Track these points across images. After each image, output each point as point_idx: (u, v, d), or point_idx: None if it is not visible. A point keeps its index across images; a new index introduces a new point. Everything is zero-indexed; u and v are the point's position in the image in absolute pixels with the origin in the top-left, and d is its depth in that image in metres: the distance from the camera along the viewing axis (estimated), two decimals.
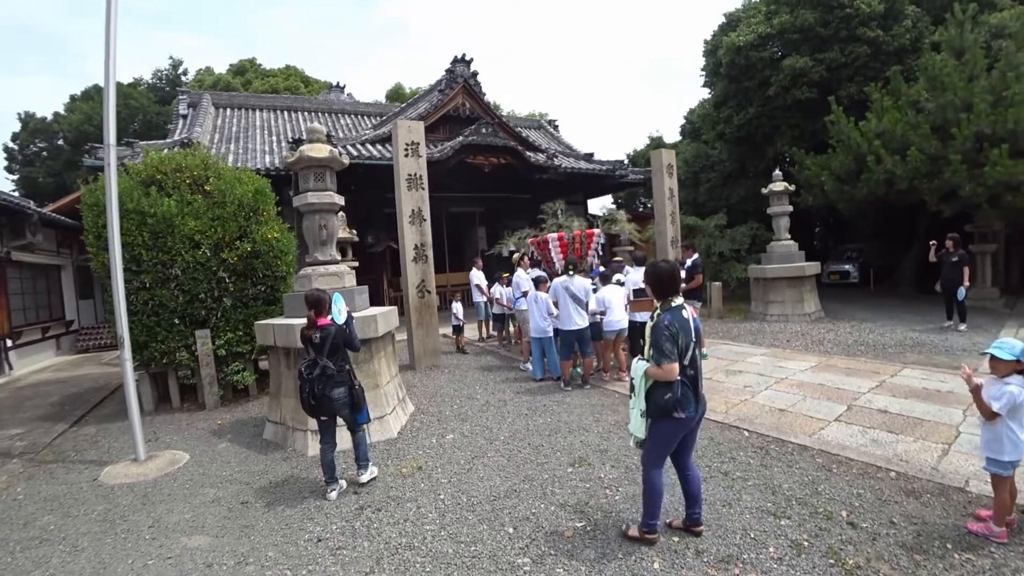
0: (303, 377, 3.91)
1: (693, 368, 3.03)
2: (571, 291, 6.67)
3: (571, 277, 6.81)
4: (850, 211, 13.43)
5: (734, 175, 18.73)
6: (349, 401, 4.03)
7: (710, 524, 3.36)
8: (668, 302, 3.05)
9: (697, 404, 3.07)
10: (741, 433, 4.96)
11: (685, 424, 3.05)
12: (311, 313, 4.05)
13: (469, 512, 3.68)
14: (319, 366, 3.88)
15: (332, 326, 4.00)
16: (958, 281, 8.96)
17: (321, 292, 4.17)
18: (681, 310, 3.02)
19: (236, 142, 15.15)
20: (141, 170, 6.95)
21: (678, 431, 3.07)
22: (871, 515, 3.41)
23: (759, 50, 15.07)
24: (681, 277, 3.19)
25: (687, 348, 2.97)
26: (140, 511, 4.03)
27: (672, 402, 2.94)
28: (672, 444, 3.12)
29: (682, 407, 2.98)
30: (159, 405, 7.18)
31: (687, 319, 3.00)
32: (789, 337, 9.41)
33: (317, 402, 3.90)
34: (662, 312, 3.03)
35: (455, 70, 15.07)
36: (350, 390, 4.05)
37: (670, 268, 3.13)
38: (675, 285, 3.09)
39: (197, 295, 6.79)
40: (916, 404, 5.47)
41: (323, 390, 3.87)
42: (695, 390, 3.04)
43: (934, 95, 11.26)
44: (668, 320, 2.95)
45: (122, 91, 29.86)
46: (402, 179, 8.39)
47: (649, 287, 3.21)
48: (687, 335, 2.97)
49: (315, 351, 3.96)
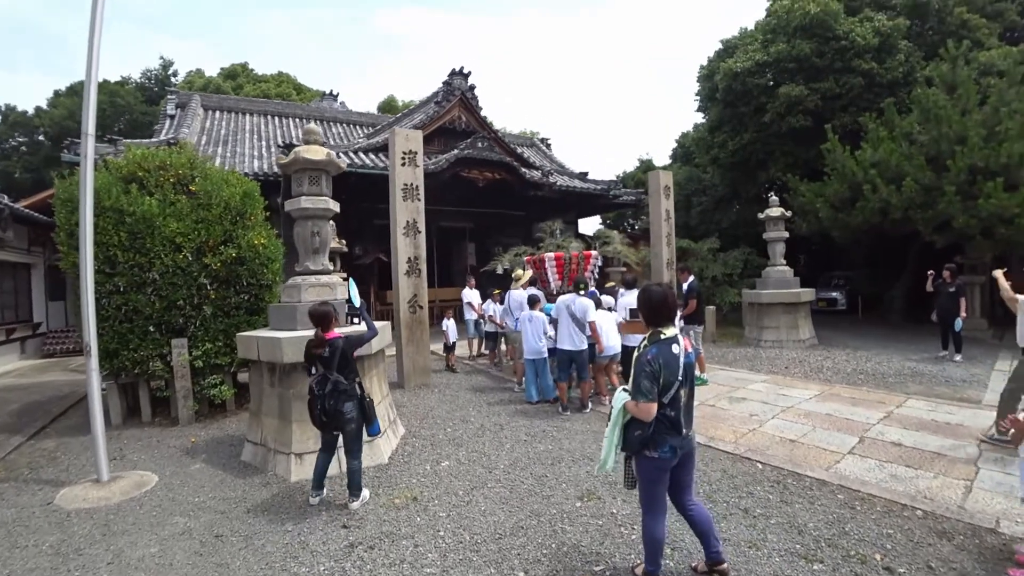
0: (314, 393, 3.81)
1: (674, 409, 2.75)
2: (571, 310, 6.44)
3: (577, 296, 6.55)
4: (844, 239, 13.46)
5: (726, 199, 18.82)
6: (359, 415, 3.93)
7: (738, 568, 3.07)
8: (657, 333, 2.79)
9: (677, 443, 2.78)
10: (755, 465, 4.69)
11: (661, 464, 2.80)
12: (318, 330, 3.92)
13: (473, 552, 3.32)
14: (330, 381, 3.78)
15: (340, 339, 3.90)
16: (954, 312, 8.90)
17: (327, 306, 4.01)
18: (671, 344, 2.74)
19: (224, 145, 14.74)
20: (122, 166, 6.55)
21: (655, 471, 2.82)
22: (906, 559, 3.16)
23: (755, 77, 15.22)
24: (676, 303, 2.93)
25: (669, 387, 2.70)
26: (99, 543, 3.58)
27: (642, 439, 2.73)
28: (658, 484, 2.85)
29: (654, 447, 2.75)
30: (128, 418, 6.68)
31: (675, 355, 2.72)
32: (787, 364, 9.25)
33: (329, 418, 3.82)
34: (649, 344, 2.78)
35: (452, 82, 14.92)
36: (360, 403, 3.94)
37: (663, 293, 2.85)
38: (668, 312, 2.84)
39: (175, 302, 6.36)
40: (929, 437, 5.28)
41: (335, 405, 3.78)
42: (675, 429, 2.77)
43: (927, 127, 11.39)
44: (652, 355, 2.69)
45: (108, 88, 29.25)
46: (397, 189, 8.08)
47: (641, 313, 2.95)
48: (671, 373, 2.69)
49: (324, 366, 3.84)
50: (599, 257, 9.11)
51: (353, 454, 3.99)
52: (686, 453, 2.89)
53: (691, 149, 21.58)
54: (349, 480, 4.03)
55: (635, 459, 2.85)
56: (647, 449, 2.76)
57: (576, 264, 8.47)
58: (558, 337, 6.58)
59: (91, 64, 4.45)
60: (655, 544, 2.88)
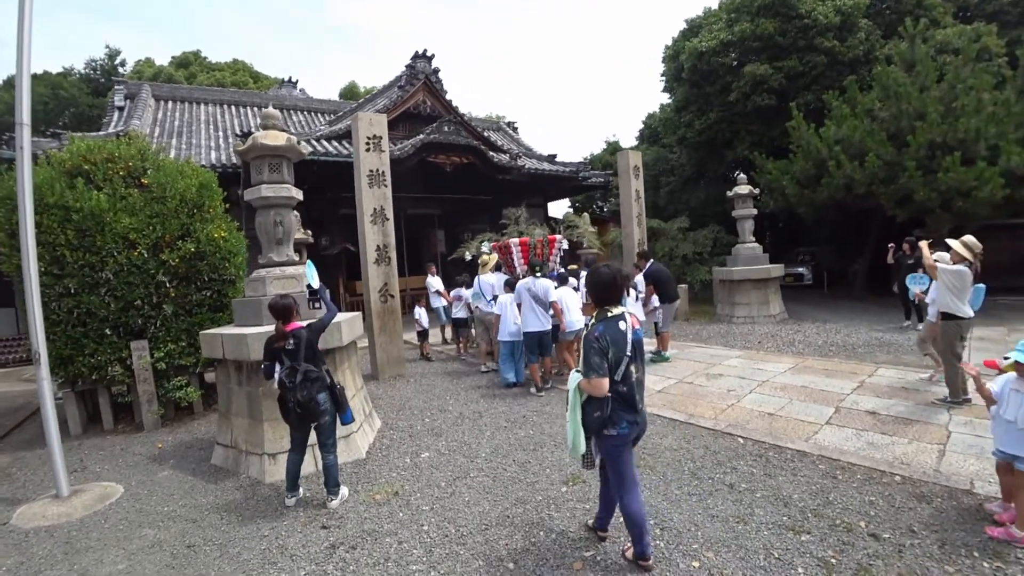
0: (285, 386, 3.68)
1: (627, 384, 2.80)
2: (533, 291, 6.61)
3: (536, 279, 6.70)
4: (810, 215, 13.71)
5: (694, 179, 18.97)
6: (332, 405, 3.82)
7: (728, 544, 3.07)
8: (605, 312, 2.85)
9: (633, 418, 2.84)
10: (736, 440, 4.72)
11: (622, 440, 2.86)
12: (279, 323, 3.77)
13: (459, 546, 3.22)
14: (299, 371, 3.65)
15: (303, 330, 3.76)
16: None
17: (286, 298, 3.86)
18: (617, 321, 2.81)
19: (179, 137, 14.08)
20: (65, 159, 6.12)
21: (619, 446, 2.88)
22: (890, 524, 3.22)
23: (720, 56, 15.29)
24: (623, 284, 2.98)
25: (619, 362, 2.75)
26: (60, 563, 3.35)
27: (600, 420, 2.78)
28: (622, 459, 2.91)
29: (612, 424, 2.81)
30: (88, 427, 6.35)
31: (623, 331, 2.78)
32: (759, 339, 9.40)
33: (304, 410, 3.67)
34: (596, 323, 2.84)
35: (416, 66, 14.53)
36: (331, 392, 3.83)
37: (610, 274, 2.91)
38: (615, 291, 2.89)
39: (132, 302, 6.01)
40: (900, 404, 5.41)
41: (309, 395, 3.65)
42: (630, 405, 2.83)
43: (888, 104, 11.62)
44: (599, 332, 2.77)
45: (50, 80, 27.63)
46: (363, 176, 7.82)
47: (589, 293, 3.02)
48: (619, 349, 2.75)
49: (290, 359, 3.70)
50: (564, 241, 9.21)
51: (328, 448, 3.85)
52: (642, 429, 2.94)
53: (658, 129, 21.65)
54: (326, 477, 3.88)
55: (596, 440, 2.89)
56: (606, 428, 2.81)
57: (541, 249, 8.54)
58: (523, 320, 6.70)
59: (21, 47, 4.10)
60: (638, 520, 2.88)
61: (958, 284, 5.10)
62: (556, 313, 6.65)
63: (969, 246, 5.15)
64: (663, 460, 4.35)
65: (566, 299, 6.73)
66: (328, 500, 3.85)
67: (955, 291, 5.13)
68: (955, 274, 5.11)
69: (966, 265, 5.11)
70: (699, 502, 3.60)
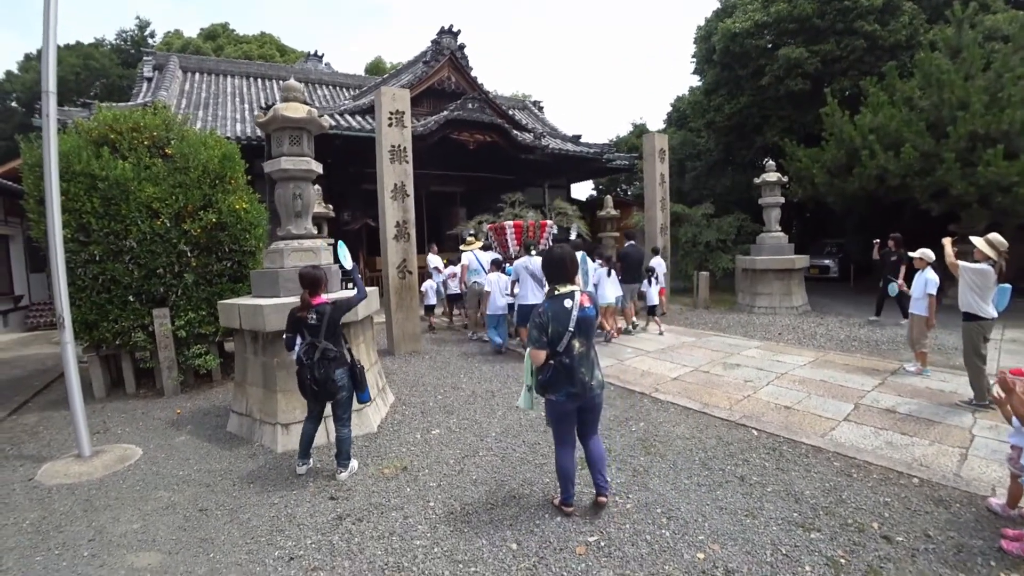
0: (302, 362, 3.67)
1: (569, 356, 3.04)
2: (530, 270, 7.27)
3: (531, 257, 7.41)
4: (839, 206, 13.31)
5: (721, 164, 18.54)
6: (350, 382, 3.82)
7: (735, 538, 3.02)
8: (553, 290, 3.12)
9: (572, 389, 3.07)
10: (750, 432, 4.65)
11: (560, 406, 3.12)
12: (305, 293, 3.75)
13: (464, 523, 3.24)
14: (319, 348, 3.64)
15: (328, 305, 3.76)
16: (894, 277, 9.13)
17: (318, 269, 3.85)
18: (563, 300, 3.05)
19: (205, 108, 14.20)
20: (92, 128, 6.20)
21: (558, 412, 3.16)
22: (904, 527, 3.13)
23: (754, 38, 14.76)
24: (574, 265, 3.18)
25: (559, 337, 3.01)
26: (80, 520, 3.47)
27: (542, 383, 3.09)
28: (561, 423, 3.21)
29: (553, 390, 3.08)
30: (111, 390, 6.53)
31: (567, 308, 3.03)
32: (780, 330, 9.22)
33: (320, 387, 3.66)
34: (545, 299, 3.13)
35: (441, 41, 14.34)
36: (351, 370, 3.83)
37: (561, 255, 3.14)
38: (565, 272, 3.11)
39: (155, 270, 6.13)
40: (923, 404, 5.25)
41: (326, 373, 3.64)
42: (570, 377, 3.06)
43: (929, 92, 11.12)
44: (543, 309, 3.05)
45: (82, 50, 28.04)
46: (384, 151, 7.79)
47: (544, 272, 3.28)
48: (560, 324, 3.01)
49: (311, 333, 3.69)
50: (554, 227, 9.97)
51: (343, 423, 3.88)
52: (590, 401, 3.16)
53: (686, 113, 21.13)
54: (338, 450, 3.93)
55: (544, 401, 3.20)
56: (547, 392, 3.11)
57: (533, 231, 9.35)
58: (521, 294, 7.41)
59: (48, 15, 4.11)
60: (565, 474, 3.25)
61: (980, 283, 4.93)
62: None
63: (994, 244, 4.94)
64: (674, 448, 4.31)
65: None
66: (337, 472, 3.90)
67: (977, 290, 4.95)
68: (978, 273, 4.92)
69: (990, 264, 4.92)
70: (708, 493, 3.56)
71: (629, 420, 5.01)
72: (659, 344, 8.26)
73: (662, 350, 7.85)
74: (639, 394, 5.77)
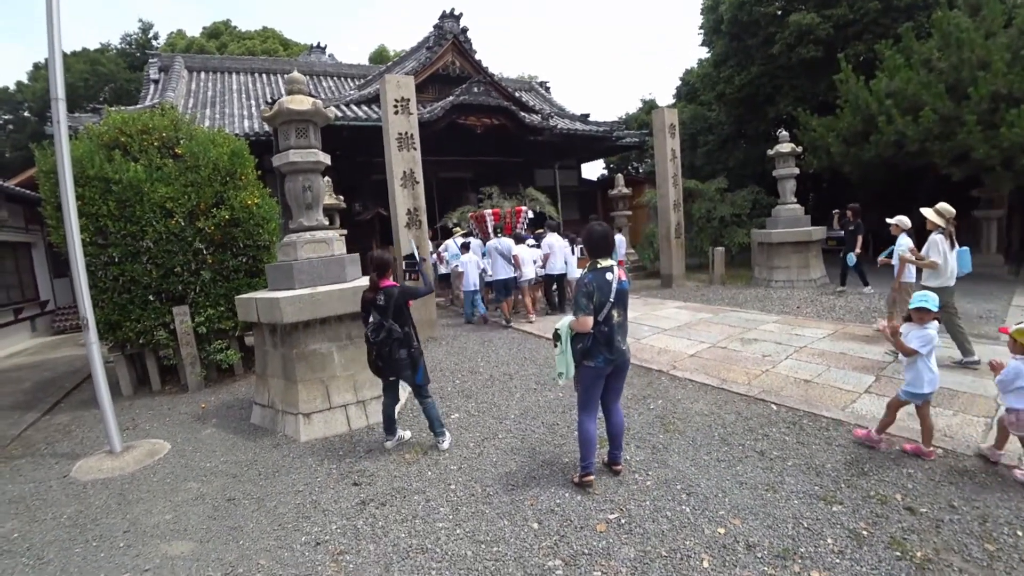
0: (370, 341, 3.90)
1: (608, 325, 3.27)
2: (499, 249, 8.69)
3: (499, 239, 8.93)
4: (855, 175, 12.98)
5: (733, 138, 18.18)
6: (410, 362, 3.98)
7: (756, 512, 3.02)
8: (595, 263, 3.31)
9: (609, 355, 3.30)
10: (769, 407, 4.62)
11: (597, 372, 3.33)
12: (373, 275, 3.99)
13: (485, 505, 3.29)
14: (385, 328, 3.84)
15: (395, 287, 3.96)
16: (851, 248, 9.39)
17: (385, 254, 4.15)
18: (605, 272, 3.26)
19: (212, 107, 14.29)
20: (102, 132, 6.28)
21: (592, 377, 3.36)
22: (928, 498, 3.10)
23: (763, 5, 14.35)
24: (613, 240, 3.44)
25: (602, 306, 3.22)
26: (115, 512, 3.59)
27: (582, 351, 3.28)
28: (593, 389, 3.41)
29: (591, 357, 3.29)
30: (138, 388, 6.70)
31: (608, 280, 3.24)
32: (798, 303, 9.10)
33: (385, 363, 3.93)
34: (588, 271, 3.29)
35: (443, 26, 14.20)
36: (410, 351, 3.99)
37: (603, 231, 3.38)
38: (606, 246, 3.35)
39: (172, 269, 6.23)
40: (946, 374, 5.10)
41: (390, 352, 3.87)
42: (608, 344, 3.28)
43: (948, 53, 10.71)
44: (588, 279, 3.23)
45: (89, 56, 28.34)
46: (392, 139, 7.78)
47: (584, 247, 3.49)
48: (603, 295, 3.22)
49: (379, 313, 3.89)
50: (529, 212, 11.17)
51: (422, 395, 4.13)
52: (619, 365, 3.39)
53: (696, 86, 20.70)
54: (429, 421, 4.16)
55: (578, 369, 3.37)
56: (586, 359, 3.30)
57: (510, 217, 10.53)
58: (494, 270, 8.81)
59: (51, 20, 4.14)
60: (588, 438, 3.40)
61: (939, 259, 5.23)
62: (517, 264, 8.61)
63: (942, 212, 5.26)
64: (693, 425, 4.31)
65: (523, 255, 8.75)
66: (438, 443, 4.15)
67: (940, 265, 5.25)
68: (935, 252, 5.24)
69: (940, 232, 5.19)
70: (728, 468, 3.56)
71: (647, 398, 5.01)
72: (676, 321, 8.21)
73: (679, 327, 7.81)
74: (657, 372, 5.76)
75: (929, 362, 3.52)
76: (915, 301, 3.55)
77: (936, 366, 3.56)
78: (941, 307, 5.09)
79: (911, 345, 3.52)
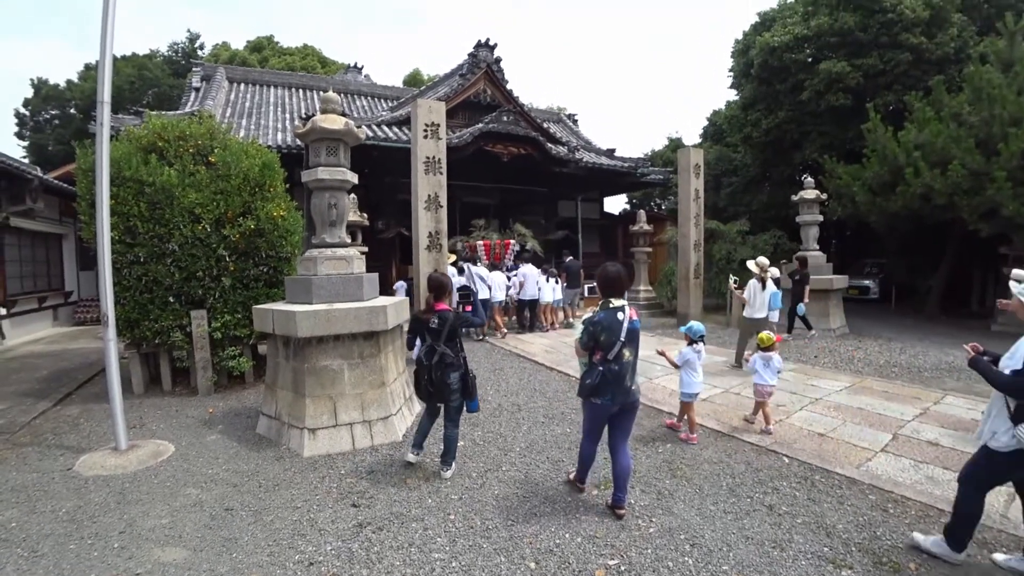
0: (422, 364, 3.87)
1: (617, 364, 3.32)
2: (479, 274, 9.80)
3: (476, 266, 10.10)
4: (881, 225, 12.86)
5: (757, 181, 18.19)
6: (462, 387, 3.96)
7: (762, 571, 2.91)
8: (608, 302, 3.40)
9: (615, 396, 3.35)
10: (780, 459, 4.50)
11: (602, 409, 3.40)
12: (430, 296, 4.01)
13: (484, 539, 3.22)
14: (438, 352, 3.82)
15: (450, 312, 3.94)
16: (799, 297, 9.99)
17: (443, 276, 4.16)
18: (616, 312, 3.34)
19: (249, 117, 14.72)
20: (141, 136, 6.49)
21: (597, 413, 3.45)
22: (944, 570, 2.97)
23: (794, 52, 14.50)
24: (626, 281, 3.58)
25: (611, 345, 3.29)
26: (113, 511, 3.59)
27: (589, 387, 3.35)
28: (596, 424, 3.53)
29: (597, 394, 3.35)
30: (149, 387, 6.76)
31: (619, 320, 3.32)
32: (816, 353, 8.93)
33: (435, 389, 3.87)
34: (599, 310, 3.38)
35: (478, 55, 14.54)
36: (463, 376, 3.96)
37: (616, 272, 3.48)
38: (619, 286, 3.47)
39: (194, 273, 6.34)
40: (968, 437, 4.96)
41: (441, 376, 3.82)
42: (618, 383, 3.33)
43: (979, 108, 10.69)
44: (598, 319, 3.32)
45: (136, 61, 29.49)
46: (419, 162, 7.92)
47: (597, 286, 3.61)
48: (612, 334, 3.29)
49: (432, 337, 3.88)
50: (516, 245, 12.42)
51: (453, 423, 4.09)
52: (628, 405, 3.45)
53: (722, 128, 20.85)
54: (445, 448, 4.12)
55: (584, 404, 3.49)
56: (593, 396, 3.38)
57: (499, 249, 11.86)
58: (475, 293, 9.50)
59: (105, 30, 4.34)
60: (586, 459, 3.69)
61: (749, 298, 7.72)
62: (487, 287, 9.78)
63: (758, 264, 7.71)
64: (701, 472, 4.20)
65: (494, 280, 10.08)
66: (442, 470, 4.10)
67: (751, 302, 7.70)
68: (749, 293, 7.72)
69: (757, 279, 7.63)
70: (735, 521, 3.45)
71: (655, 441, 4.92)
72: None
73: None
74: (667, 414, 5.66)
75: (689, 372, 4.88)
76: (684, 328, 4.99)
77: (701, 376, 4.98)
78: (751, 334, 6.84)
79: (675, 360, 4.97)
